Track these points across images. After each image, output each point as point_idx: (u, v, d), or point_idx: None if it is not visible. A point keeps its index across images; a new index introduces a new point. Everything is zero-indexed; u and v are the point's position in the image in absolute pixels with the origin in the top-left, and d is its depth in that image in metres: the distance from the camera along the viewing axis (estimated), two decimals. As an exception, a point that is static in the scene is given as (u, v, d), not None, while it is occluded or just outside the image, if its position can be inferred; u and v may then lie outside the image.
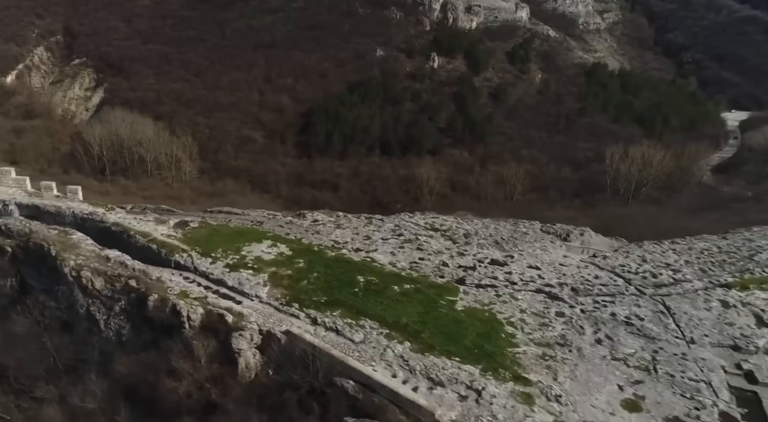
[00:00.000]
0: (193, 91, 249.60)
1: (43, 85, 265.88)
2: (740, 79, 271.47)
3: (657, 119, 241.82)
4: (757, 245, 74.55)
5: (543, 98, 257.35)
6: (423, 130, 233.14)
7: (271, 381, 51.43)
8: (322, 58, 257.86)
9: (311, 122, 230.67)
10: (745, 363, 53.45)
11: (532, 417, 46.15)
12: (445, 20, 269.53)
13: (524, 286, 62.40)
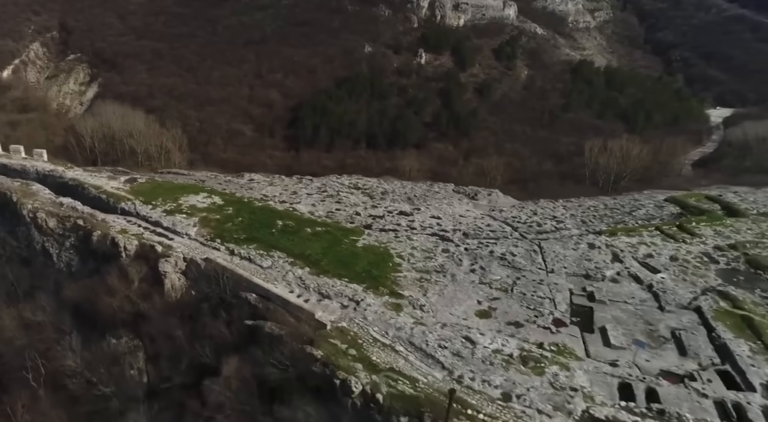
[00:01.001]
0: (185, 85, 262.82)
1: (39, 79, 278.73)
2: (726, 76, 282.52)
3: (640, 114, 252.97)
4: (640, 203, 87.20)
5: (528, 94, 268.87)
6: (408, 124, 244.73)
7: (191, 297, 64.59)
8: (311, 54, 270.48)
9: (299, 116, 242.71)
10: (590, 286, 66.12)
11: (395, 319, 58.95)
12: (432, 17, 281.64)
13: (422, 231, 75.18)
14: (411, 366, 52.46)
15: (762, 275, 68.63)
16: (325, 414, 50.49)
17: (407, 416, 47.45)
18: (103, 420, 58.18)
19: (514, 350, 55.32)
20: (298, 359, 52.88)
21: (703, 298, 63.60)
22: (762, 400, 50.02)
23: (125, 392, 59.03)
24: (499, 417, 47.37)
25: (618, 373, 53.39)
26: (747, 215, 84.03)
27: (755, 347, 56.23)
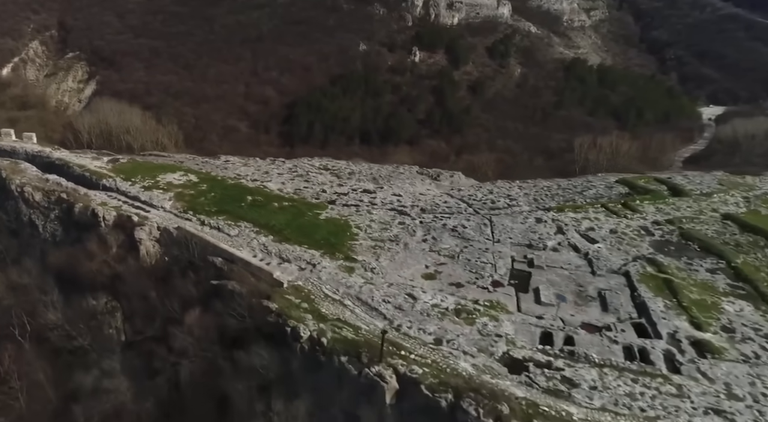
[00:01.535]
0: (181, 83, 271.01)
1: (38, 77, 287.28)
2: (719, 75, 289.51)
3: (631, 112, 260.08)
4: (592, 184, 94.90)
5: (521, 92, 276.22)
6: (401, 121, 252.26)
7: (164, 263, 72.64)
8: (307, 52, 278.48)
9: (294, 113, 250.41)
10: (531, 254, 73.76)
11: (347, 279, 66.84)
12: (427, 16, 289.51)
13: (382, 206, 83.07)
14: (356, 317, 60.09)
15: (691, 246, 76.05)
16: (277, 357, 58.20)
17: (347, 356, 55.05)
18: (81, 367, 65.90)
19: (450, 304, 62.91)
20: (256, 311, 60.64)
21: (633, 264, 70.98)
22: (665, 345, 57.58)
23: (102, 345, 66.76)
24: (428, 357, 54.73)
25: (542, 324, 60.98)
26: (690, 194, 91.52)
27: (670, 304, 63.71)
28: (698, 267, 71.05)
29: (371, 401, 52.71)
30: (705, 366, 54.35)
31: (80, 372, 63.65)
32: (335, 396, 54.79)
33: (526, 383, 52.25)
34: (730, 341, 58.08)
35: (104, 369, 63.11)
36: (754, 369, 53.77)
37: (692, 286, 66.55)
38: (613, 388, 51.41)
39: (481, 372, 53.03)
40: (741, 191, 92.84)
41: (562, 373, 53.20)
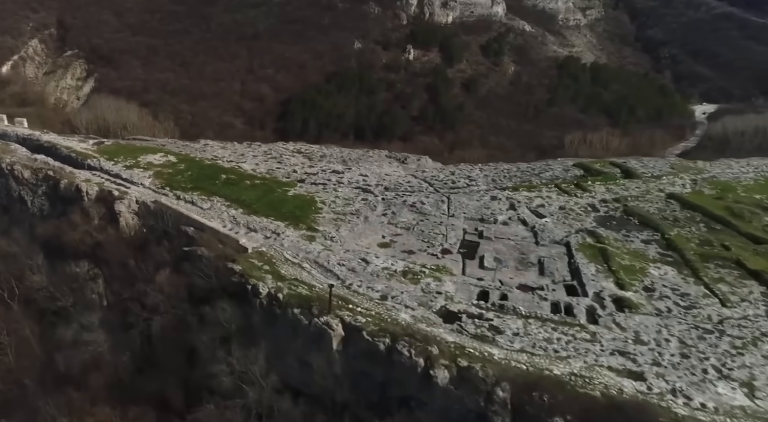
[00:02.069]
0: (178, 80, 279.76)
1: (37, 75, 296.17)
2: (713, 73, 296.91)
3: (623, 109, 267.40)
4: (550, 167, 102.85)
5: (514, 89, 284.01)
6: (395, 117, 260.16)
7: (142, 234, 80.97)
8: (302, 50, 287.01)
9: (289, 110, 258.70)
10: (482, 227, 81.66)
11: (308, 246, 74.93)
12: (421, 15, 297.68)
13: (348, 184, 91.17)
14: (311, 277, 68.15)
15: (632, 220, 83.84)
16: (239, 312, 66.22)
17: (300, 308, 63.10)
18: (62, 323, 74.25)
19: (399, 267, 70.84)
20: (221, 272, 68.73)
21: (574, 236, 78.85)
22: (589, 302, 65.52)
23: (83, 305, 75.08)
24: (373, 309, 62.69)
25: (481, 284, 68.83)
26: (641, 177, 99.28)
27: (601, 268, 71.54)
28: (634, 238, 78.52)
29: (320, 347, 60.54)
30: (620, 318, 62.00)
31: (62, 327, 71.48)
32: (290, 344, 62.59)
33: (457, 330, 59.93)
34: (649, 298, 65.69)
35: (83, 324, 70.96)
36: (664, 321, 61.43)
37: (625, 254, 74.04)
38: (534, 334, 59.09)
39: (418, 321, 60.72)
40: (690, 174, 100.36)
41: (490, 322, 60.91)
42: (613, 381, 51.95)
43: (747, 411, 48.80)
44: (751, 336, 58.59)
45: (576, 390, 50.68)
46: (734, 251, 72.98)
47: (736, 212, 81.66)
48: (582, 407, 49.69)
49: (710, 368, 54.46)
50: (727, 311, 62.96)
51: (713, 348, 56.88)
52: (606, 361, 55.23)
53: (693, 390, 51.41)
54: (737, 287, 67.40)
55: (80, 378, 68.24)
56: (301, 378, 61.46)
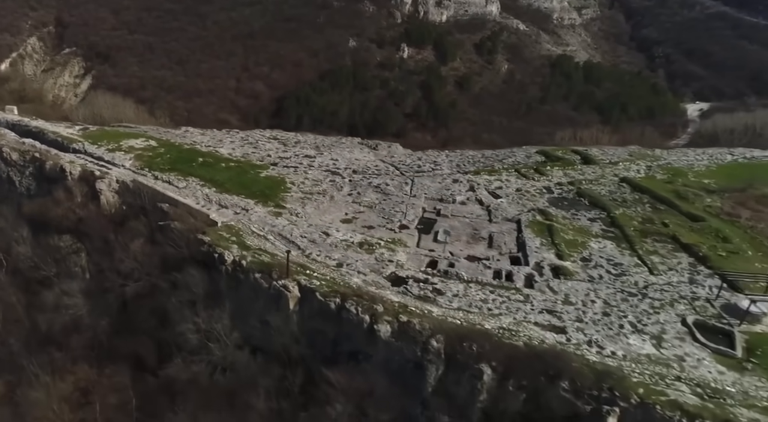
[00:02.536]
0: (174, 78, 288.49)
1: (36, 72, 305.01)
2: (706, 72, 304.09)
3: (615, 107, 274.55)
4: (513, 154, 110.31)
5: (507, 87, 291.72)
6: (388, 114, 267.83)
7: (122, 211, 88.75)
8: (297, 48, 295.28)
9: (283, 107, 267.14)
10: (440, 206, 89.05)
11: (274, 220, 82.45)
12: (416, 13, 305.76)
13: (318, 168, 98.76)
14: (274, 247, 75.46)
15: (582, 201, 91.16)
16: (207, 278, 73.65)
17: (261, 273, 70.45)
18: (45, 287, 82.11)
19: (357, 240, 78.27)
20: (191, 242, 76.21)
21: (525, 214, 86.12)
22: (529, 270, 72.70)
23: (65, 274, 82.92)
24: (328, 274, 69.95)
25: (431, 255, 76.21)
26: (598, 163, 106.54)
27: (545, 242, 78.74)
28: (581, 217, 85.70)
29: (279, 308, 67.85)
30: (554, 283, 69.21)
31: (45, 293, 79.37)
32: (252, 306, 69.96)
33: (403, 292, 67.20)
34: (584, 267, 72.89)
35: (64, 290, 78.63)
36: (593, 286, 68.64)
37: (570, 230, 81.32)
38: (472, 296, 66.29)
39: (368, 284, 68.06)
40: (646, 161, 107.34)
41: (434, 286, 68.15)
42: (537, 334, 58.97)
43: (651, 358, 55.75)
44: (670, 299, 65.39)
45: (502, 341, 57.60)
46: (672, 227, 79.60)
47: (681, 194, 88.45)
48: (506, 355, 56.71)
49: (627, 324, 61.24)
50: (653, 278, 69.70)
51: (633, 308, 63.67)
52: (534, 318, 62.09)
53: (607, 341, 58.30)
54: (668, 258, 74.11)
55: (62, 340, 75.55)
56: (263, 337, 68.36)
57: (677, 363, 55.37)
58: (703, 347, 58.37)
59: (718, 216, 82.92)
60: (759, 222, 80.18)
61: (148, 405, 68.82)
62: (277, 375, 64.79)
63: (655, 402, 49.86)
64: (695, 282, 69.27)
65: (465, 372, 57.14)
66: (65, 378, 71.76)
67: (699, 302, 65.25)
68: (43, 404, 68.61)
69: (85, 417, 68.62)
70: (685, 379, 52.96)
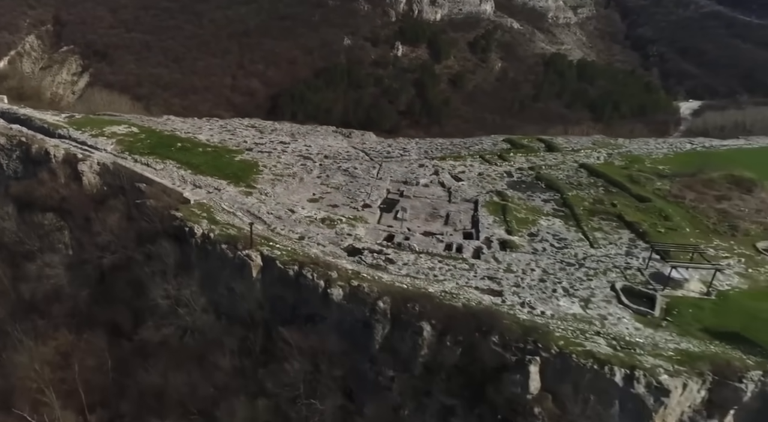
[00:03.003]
0: (171, 75, 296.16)
1: (34, 70, 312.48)
2: (699, 71, 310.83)
3: (607, 105, 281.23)
4: (481, 142, 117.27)
5: (500, 85, 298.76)
6: (382, 111, 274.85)
7: (102, 190, 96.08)
8: (292, 46, 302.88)
9: (278, 104, 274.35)
10: (404, 188, 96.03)
11: (243, 199, 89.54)
12: (410, 12, 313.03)
13: (292, 153, 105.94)
14: (242, 222, 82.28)
15: (540, 184, 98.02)
16: (178, 249, 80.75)
17: (227, 244, 77.43)
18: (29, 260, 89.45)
19: (321, 216, 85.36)
20: (165, 218, 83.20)
21: (483, 195, 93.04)
22: (478, 243, 79.59)
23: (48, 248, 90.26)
24: (289, 246, 76.97)
25: (389, 230, 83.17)
26: (561, 150, 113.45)
27: (498, 220, 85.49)
28: (536, 198, 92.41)
29: (243, 276, 74.70)
30: (499, 255, 75.97)
31: (29, 265, 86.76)
32: (219, 274, 76.86)
33: (357, 261, 74.13)
34: (530, 241, 79.66)
35: (46, 262, 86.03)
36: (535, 257, 75.38)
37: (523, 209, 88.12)
38: (420, 265, 73.10)
39: (326, 254, 75.02)
40: (607, 149, 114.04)
41: (387, 256, 75.06)
42: (476, 297, 65.81)
43: (576, 317, 62.52)
44: (604, 268, 72.04)
45: (443, 302, 64.25)
46: (619, 207, 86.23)
47: (633, 178, 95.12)
48: (445, 314, 63.45)
49: (560, 289, 67.94)
50: (592, 251, 76.39)
51: (569, 276, 70.36)
52: (475, 283, 68.77)
53: (539, 303, 65.11)
54: (611, 234, 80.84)
55: (44, 308, 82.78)
56: (229, 304, 75.09)
57: (599, 321, 61.70)
58: (626, 308, 64.44)
59: (664, 198, 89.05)
60: (701, 203, 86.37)
61: (122, 367, 75.67)
62: (239, 335, 71.27)
63: (572, 351, 56.24)
64: (631, 254, 75.53)
65: (408, 329, 63.14)
66: (47, 343, 78.53)
67: (631, 272, 71.21)
68: (27, 366, 75.25)
69: (65, 377, 75.08)
70: (603, 334, 59.38)
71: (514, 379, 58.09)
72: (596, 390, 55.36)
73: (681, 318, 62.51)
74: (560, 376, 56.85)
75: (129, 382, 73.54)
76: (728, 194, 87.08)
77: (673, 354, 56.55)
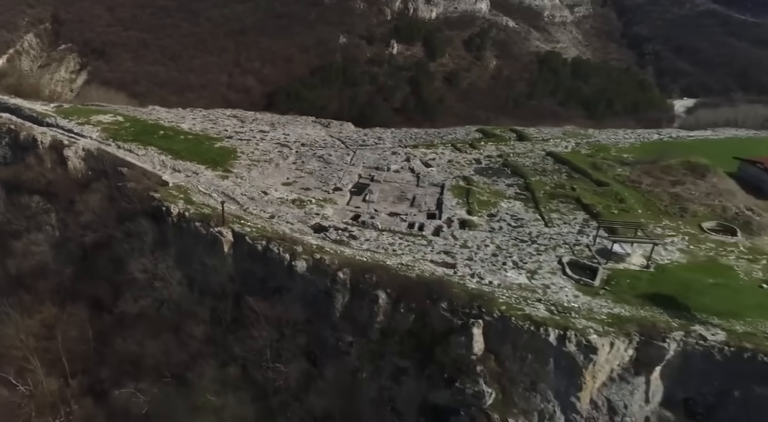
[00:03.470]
0: (168, 73, 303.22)
1: (32, 68, 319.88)
2: (694, 68, 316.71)
3: (601, 102, 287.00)
4: (454, 131, 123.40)
5: (495, 83, 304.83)
6: (377, 109, 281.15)
7: (87, 175, 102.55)
8: (288, 44, 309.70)
9: (274, 102, 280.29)
10: (375, 173, 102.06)
11: (220, 182, 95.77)
12: (405, 10, 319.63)
13: (270, 141, 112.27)
14: (216, 203, 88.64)
15: (506, 170, 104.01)
16: (156, 227, 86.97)
17: (200, 222, 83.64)
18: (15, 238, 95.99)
19: (292, 198, 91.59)
20: (144, 199, 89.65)
21: (450, 180, 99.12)
22: (439, 222, 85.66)
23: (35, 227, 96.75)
24: (260, 223, 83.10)
25: (356, 211, 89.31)
26: (531, 139, 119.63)
27: (461, 202, 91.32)
28: (500, 183, 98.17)
29: (215, 251, 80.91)
30: (458, 233, 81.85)
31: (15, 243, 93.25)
32: (194, 250, 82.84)
33: (322, 238, 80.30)
34: (489, 221, 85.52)
35: (31, 240, 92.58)
36: (491, 234, 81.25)
37: (486, 193, 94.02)
38: (381, 241, 79.07)
39: (293, 231, 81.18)
40: (576, 138, 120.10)
41: (351, 233, 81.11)
42: (430, 268, 71.63)
43: (521, 286, 68.35)
44: (554, 244, 77.83)
45: (398, 273, 70.03)
46: (578, 191, 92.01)
47: (596, 165, 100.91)
48: (399, 284, 69.24)
49: (510, 262, 73.55)
50: (546, 229, 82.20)
51: (520, 251, 76.01)
52: (431, 257, 74.61)
53: (488, 274, 70.81)
54: (567, 215, 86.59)
55: (30, 284, 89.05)
56: (203, 278, 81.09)
57: (542, 290, 67.57)
58: (569, 279, 70.34)
59: (623, 183, 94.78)
60: (657, 187, 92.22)
61: (103, 337, 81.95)
62: (211, 305, 77.48)
63: (512, 315, 62.16)
64: (583, 233, 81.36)
65: (366, 298, 68.84)
66: (33, 316, 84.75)
67: (579, 247, 76.99)
68: (13, 337, 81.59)
69: (49, 347, 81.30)
70: (544, 301, 65.29)
71: (459, 341, 62.71)
72: (533, 350, 60.56)
73: (618, 288, 67.72)
74: (501, 338, 61.94)
75: (108, 351, 79.41)
76: (683, 179, 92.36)
77: (605, 317, 61.88)
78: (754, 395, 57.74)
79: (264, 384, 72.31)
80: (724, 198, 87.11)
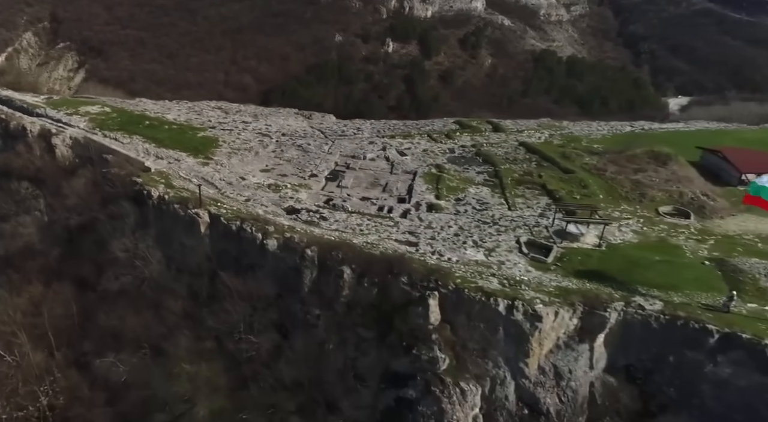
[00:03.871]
0: (165, 71, 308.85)
1: (31, 66, 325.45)
2: (689, 67, 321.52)
3: (595, 101, 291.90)
4: (432, 123, 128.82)
5: (490, 81, 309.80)
6: (371, 106, 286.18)
7: (74, 163, 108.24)
8: (285, 42, 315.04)
9: (270, 99, 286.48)
10: (351, 161, 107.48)
11: (200, 168, 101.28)
12: (401, 9, 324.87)
13: (252, 131, 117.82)
14: (195, 187, 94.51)
15: (477, 159, 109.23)
16: (137, 210, 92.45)
17: (179, 204, 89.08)
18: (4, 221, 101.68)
19: (268, 183, 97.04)
20: (127, 183, 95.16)
21: (423, 168, 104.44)
22: (408, 206, 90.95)
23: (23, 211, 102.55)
24: (235, 206, 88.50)
25: (329, 195, 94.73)
26: (506, 131, 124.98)
27: (430, 187, 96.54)
28: (471, 170, 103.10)
29: (193, 232, 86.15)
30: (424, 215, 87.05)
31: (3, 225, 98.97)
32: (173, 231, 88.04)
33: (293, 219, 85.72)
34: (455, 205, 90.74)
35: (20, 222, 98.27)
36: (454, 217, 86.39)
37: (456, 179, 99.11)
38: (350, 222, 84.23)
39: (267, 213, 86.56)
40: (550, 130, 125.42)
41: (321, 215, 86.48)
42: (393, 246, 76.94)
43: (478, 262, 73.47)
44: (515, 226, 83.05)
45: (363, 251, 75.04)
46: (544, 178, 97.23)
47: (566, 155, 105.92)
48: (363, 260, 74.26)
49: (470, 241, 78.49)
50: (509, 212, 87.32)
51: (481, 232, 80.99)
52: (395, 237, 79.91)
53: (448, 251, 75.82)
54: (531, 199, 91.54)
55: (19, 264, 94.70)
56: (181, 257, 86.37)
57: (497, 266, 72.65)
58: (524, 256, 75.59)
59: (589, 171, 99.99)
60: (620, 175, 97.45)
61: (86, 313, 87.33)
62: (187, 282, 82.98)
63: (465, 287, 67.37)
64: (544, 216, 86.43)
65: (332, 274, 73.63)
66: (21, 294, 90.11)
67: (538, 228, 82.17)
68: (1, 313, 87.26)
69: (36, 323, 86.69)
70: (497, 275, 70.38)
71: (417, 312, 67.51)
72: (484, 319, 65.62)
73: (569, 264, 72.82)
74: (456, 308, 66.72)
75: (91, 325, 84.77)
76: (645, 167, 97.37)
77: (553, 289, 66.97)
78: (686, 359, 62.53)
79: (237, 354, 76.62)
80: (683, 184, 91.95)
